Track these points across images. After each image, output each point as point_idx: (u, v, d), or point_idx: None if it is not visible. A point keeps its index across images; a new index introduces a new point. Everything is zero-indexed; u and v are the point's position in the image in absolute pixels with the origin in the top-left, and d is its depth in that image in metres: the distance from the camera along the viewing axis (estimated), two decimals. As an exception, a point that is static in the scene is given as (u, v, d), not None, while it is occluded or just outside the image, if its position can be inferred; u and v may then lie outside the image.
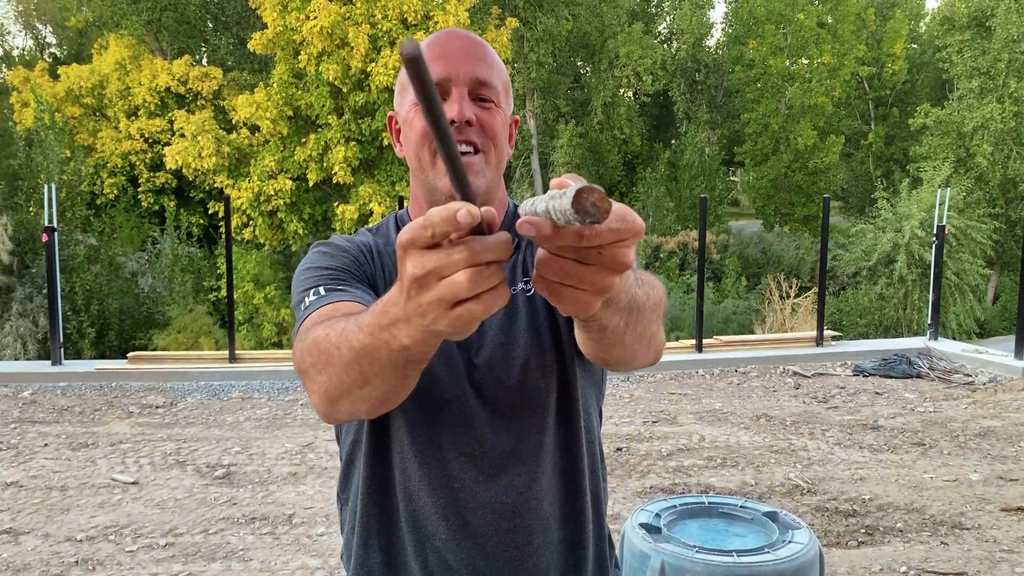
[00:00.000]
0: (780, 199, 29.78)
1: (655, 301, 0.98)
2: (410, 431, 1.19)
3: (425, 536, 1.21)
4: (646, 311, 0.95)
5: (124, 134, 21.51)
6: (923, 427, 6.32)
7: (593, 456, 1.30)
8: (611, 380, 8.05)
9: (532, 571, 1.22)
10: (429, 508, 1.20)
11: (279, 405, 7.21)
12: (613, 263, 0.70)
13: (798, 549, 1.86)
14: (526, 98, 27.91)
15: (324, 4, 16.33)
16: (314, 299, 1.11)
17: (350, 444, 1.27)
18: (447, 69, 1.17)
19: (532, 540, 1.22)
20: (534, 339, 1.20)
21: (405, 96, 1.23)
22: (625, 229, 0.67)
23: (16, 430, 6.42)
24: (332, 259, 1.22)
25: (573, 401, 1.24)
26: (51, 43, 36.70)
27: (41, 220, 11.62)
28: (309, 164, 16.90)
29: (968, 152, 21.21)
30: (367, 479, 1.23)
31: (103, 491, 5.07)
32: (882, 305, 15.54)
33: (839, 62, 29.17)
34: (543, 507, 1.22)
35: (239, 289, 15.82)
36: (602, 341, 0.95)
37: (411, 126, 1.20)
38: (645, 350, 1.03)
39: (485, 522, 1.20)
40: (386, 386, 0.88)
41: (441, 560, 1.21)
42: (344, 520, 1.32)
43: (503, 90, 1.22)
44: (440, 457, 1.19)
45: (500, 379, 1.19)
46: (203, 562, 4.09)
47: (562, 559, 1.25)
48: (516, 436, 1.20)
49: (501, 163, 1.23)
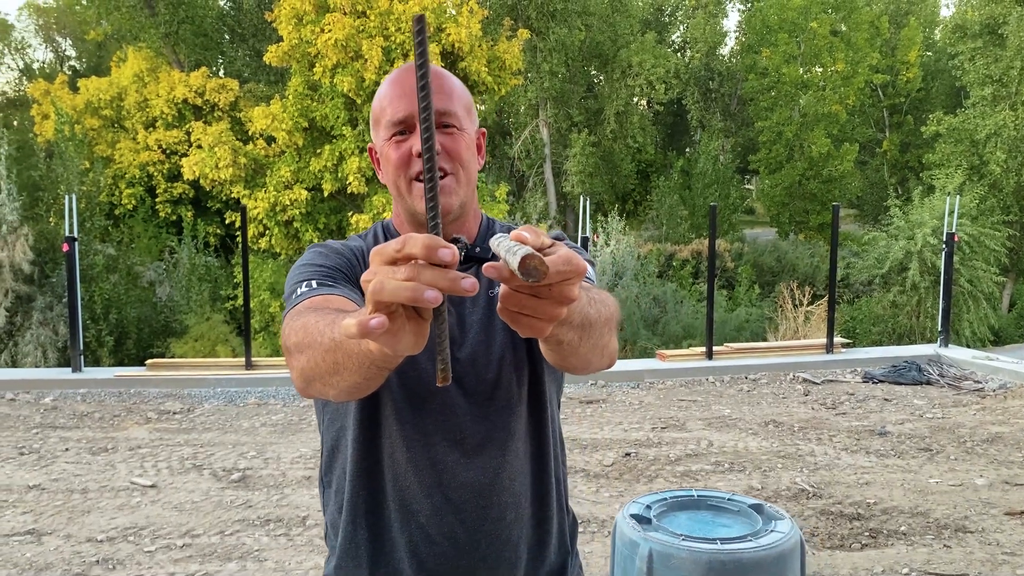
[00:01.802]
0: (795, 207, 29.76)
1: (606, 316, 1.14)
2: (398, 418, 1.33)
3: (410, 512, 1.34)
4: (598, 326, 1.11)
5: (142, 145, 21.79)
6: (931, 433, 6.36)
7: (555, 443, 1.45)
8: (621, 387, 8.13)
9: (506, 543, 1.37)
10: (415, 487, 1.34)
11: (294, 411, 7.33)
12: (561, 297, 0.83)
13: (779, 538, 1.95)
14: (539, 107, 28.05)
15: (339, 17, 16.54)
16: (306, 289, 1.24)
17: (335, 431, 1.40)
18: (410, 106, 1.31)
19: (506, 515, 1.36)
20: (509, 339, 1.36)
21: (379, 130, 1.37)
22: (569, 271, 0.81)
23: (38, 435, 6.57)
24: (326, 259, 1.36)
25: (541, 394, 1.39)
26: (71, 56, 37.25)
27: (61, 230, 11.84)
28: (324, 174, 17.08)
29: (981, 159, 21.15)
30: (357, 462, 1.36)
31: (122, 494, 5.20)
32: (895, 313, 15.52)
33: (852, 70, 29.16)
34: (515, 486, 1.37)
35: (255, 298, 16.00)
36: (560, 352, 1.10)
37: (387, 159, 1.35)
38: (599, 358, 1.19)
39: (465, 499, 1.34)
40: (352, 380, 1.00)
41: (425, 534, 1.34)
42: (327, 502, 1.45)
43: (464, 113, 1.36)
44: (425, 441, 1.33)
45: (480, 373, 1.34)
46: (219, 562, 4.20)
47: (532, 533, 1.41)
48: (492, 423, 1.35)
49: (472, 179, 1.37)
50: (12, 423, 6.93)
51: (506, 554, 1.37)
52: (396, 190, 1.36)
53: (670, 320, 14.80)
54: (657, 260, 20.39)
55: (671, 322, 14.72)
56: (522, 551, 1.40)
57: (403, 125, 1.32)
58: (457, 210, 1.35)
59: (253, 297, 15.51)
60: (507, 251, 0.81)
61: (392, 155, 1.33)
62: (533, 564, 1.42)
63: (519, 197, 27.37)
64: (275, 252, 17.96)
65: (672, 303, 15.37)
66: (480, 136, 1.42)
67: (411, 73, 1.34)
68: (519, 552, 1.39)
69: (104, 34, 28.04)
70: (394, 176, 1.34)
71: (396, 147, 1.33)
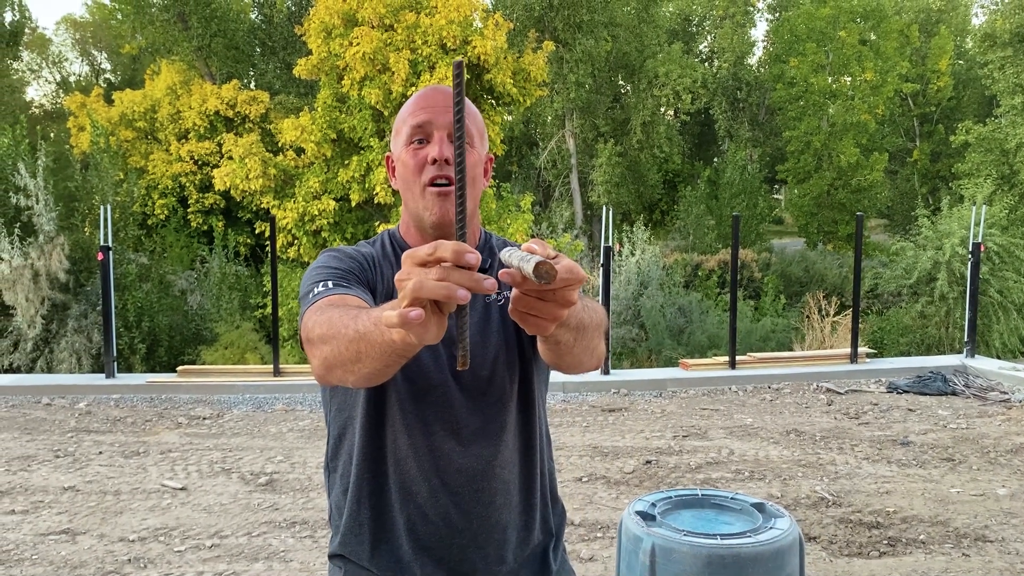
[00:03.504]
0: (823, 217, 29.53)
1: (596, 322, 1.30)
2: (401, 408, 1.46)
3: (409, 494, 1.48)
4: (590, 330, 1.26)
5: (175, 156, 22.17)
6: (954, 443, 6.34)
7: (542, 438, 1.60)
8: (644, 396, 8.17)
9: (495, 526, 1.50)
10: (414, 471, 1.47)
11: (320, 417, 7.45)
12: (563, 300, 1.00)
13: (778, 534, 2.02)
14: (565, 118, 28.14)
15: (366, 31, 16.77)
16: (323, 289, 1.36)
17: (343, 420, 1.53)
18: (430, 117, 1.44)
19: (495, 500, 1.50)
20: (503, 340, 1.50)
21: (399, 138, 1.50)
22: (571, 278, 0.96)
23: (73, 439, 6.75)
24: (340, 262, 1.48)
25: (530, 392, 1.54)
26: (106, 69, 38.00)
27: (96, 240, 12.10)
28: (352, 185, 17.28)
29: (1012, 169, 20.90)
30: (362, 447, 1.49)
31: (154, 496, 5.34)
32: (923, 324, 15.38)
33: (882, 79, 28.93)
34: (505, 474, 1.51)
35: (284, 306, 16.19)
36: (557, 351, 1.26)
37: (404, 164, 1.47)
38: (589, 358, 1.34)
39: (459, 484, 1.48)
40: (372, 368, 1.12)
41: (422, 514, 1.48)
42: (332, 485, 1.58)
43: (477, 134, 1.49)
44: (425, 431, 1.46)
45: (475, 370, 1.48)
46: (246, 562, 4.32)
47: (518, 518, 1.54)
48: (485, 416, 1.49)
49: (476, 194, 1.50)
50: (48, 427, 7.13)
51: (495, 535, 1.50)
52: (409, 194, 1.48)
53: (695, 330, 14.79)
54: (683, 270, 20.36)
55: (696, 332, 14.72)
56: (510, 533, 1.52)
57: (421, 132, 1.45)
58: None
59: (281, 306, 15.71)
60: (521, 259, 0.96)
61: (410, 160, 1.45)
62: (519, 546, 1.55)
63: (545, 207, 27.46)
64: (303, 261, 18.17)
65: (697, 313, 15.36)
66: (488, 160, 1.55)
67: (436, 92, 1.48)
68: (507, 534, 1.52)
69: (138, 48, 28.62)
70: (409, 180, 1.46)
71: (414, 153, 1.45)
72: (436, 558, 1.48)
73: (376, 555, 1.50)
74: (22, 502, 5.24)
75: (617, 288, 14.75)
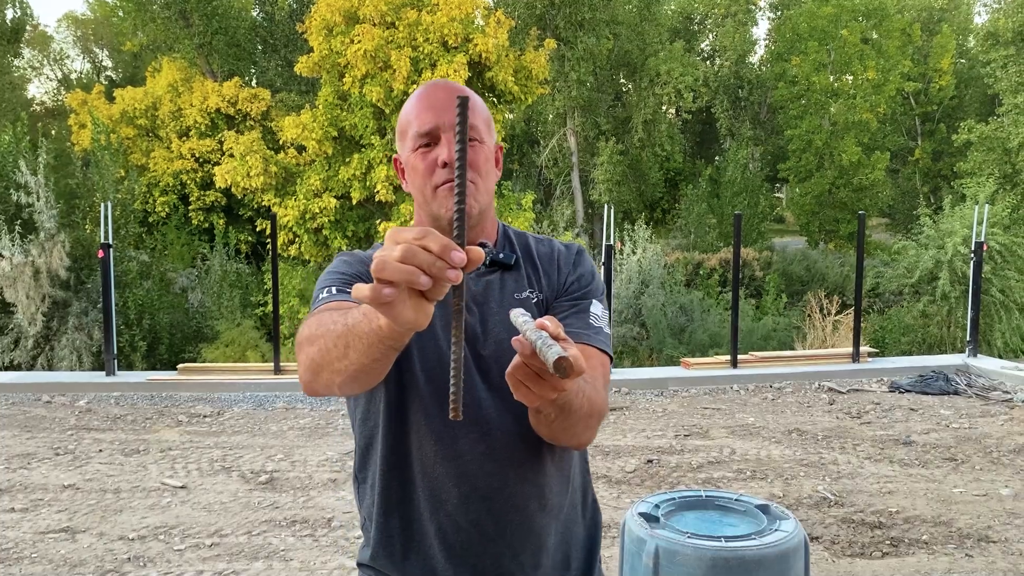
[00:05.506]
0: (824, 216, 29.50)
1: (587, 411, 1.29)
2: (425, 412, 1.41)
3: (439, 502, 1.42)
4: (576, 415, 1.27)
5: (176, 154, 22.17)
6: (956, 443, 6.32)
7: None
8: (645, 395, 8.16)
9: (528, 533, 1.44)
10: (443, 477, 1.41)
11: (321, 415, 7.45)
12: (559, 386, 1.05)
13: (782, 536, 2.00)
14: (566, 116, 28.11)
15: (368, 28, 16.75)
16: (326, 296, 1.36)
17: (369, 428, 1.48)
18: (435, 118, 1.41)
19: (529, 505, 1.43)
20: None
21: (405, 142, 1.47)
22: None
23: (73, 436, 6.74)
24: (350, 267, 1.47)
25: None
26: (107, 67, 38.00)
27: (97, 237, 12.08)
28: (353, 183, 17.27)
29: (1014, 168, 20.87)
30: (386, 457, 1.44)
31: (153, 494, 5.33)
32: (925, 323, 15.34)
33: (884, 78, 28.89)
34: (538, 478, 1.44)
35: (285, 304, 16.20)
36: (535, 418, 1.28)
37: (414, 169, 1.45)
38: (567, 439, 1.36)
39: (492, 489, 1.41)
40: (360, 362, 1.09)
41: (453, 522, 1.42)
42: (362, 497, 1.53)
43: (484, 127, 1.46)
44: (452, 435, 1.40)
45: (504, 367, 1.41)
46: (246, 561, 4.30)
47: (554, 523, 1.48)
48: (515, 417, 1.40)
49: (490, 189, 1.48)
50: (48, 425, 7.12)
51: (531, 541, 1.44)
52: (421, 197, 1.46)
53: (696, 329, 14.76)
54: (684, 269, 20.33)
55: (697, 331, 14.69)
56: (545, 540, 1.46)
57: (428, 137, 1.42)
58: (476, 217, 1.46)
59: (282, 303, 15.71)
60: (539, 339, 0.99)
61: (419, 165, 1.43)
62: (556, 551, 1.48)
63: (546, 206, 27.44)
64: (304, 259, 18.18)
65: (698, 311, 15.33)
66: (498, 150, 1.52)
67: (439, 88, 1.46)
68: (543, 541, 1.45)
69: (140, 45, 28.60)
70: (420, 184, 1.44)
71: (422, 157, 1.43)
72: (470, 566, 1.43)
73: (407, 565, 1.45)
74: (22, 500, 5.22)
75: (618, 287, 14.73)
